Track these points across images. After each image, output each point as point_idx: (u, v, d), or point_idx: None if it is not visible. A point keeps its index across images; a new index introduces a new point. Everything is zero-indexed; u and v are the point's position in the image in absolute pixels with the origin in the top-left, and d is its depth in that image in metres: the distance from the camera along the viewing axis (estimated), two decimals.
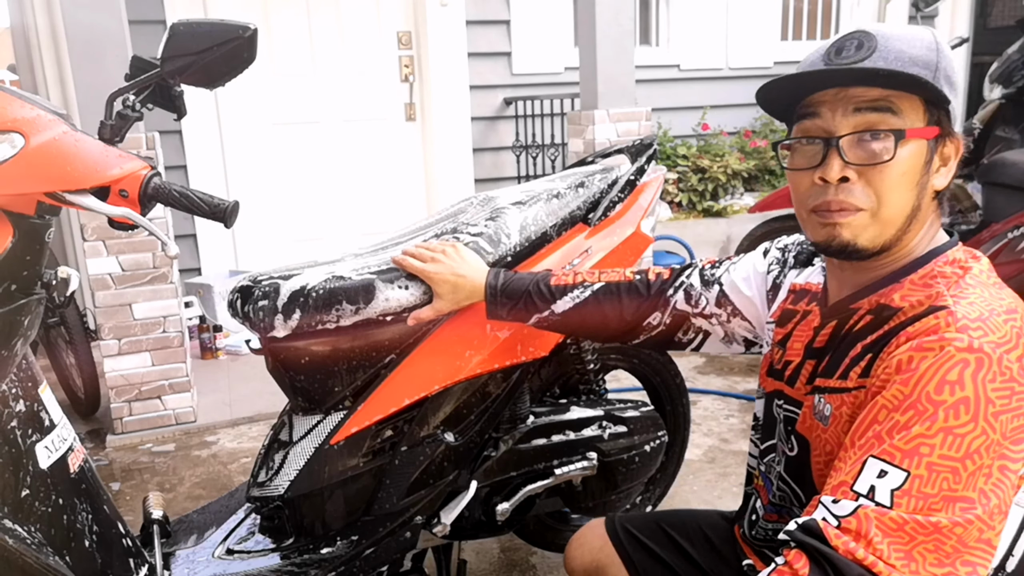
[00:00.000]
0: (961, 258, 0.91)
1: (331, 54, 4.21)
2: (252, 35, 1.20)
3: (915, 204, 0.89)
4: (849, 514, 0.78)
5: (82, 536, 1.24)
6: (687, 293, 1.28)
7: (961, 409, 0.76)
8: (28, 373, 1.19)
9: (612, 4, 3.24)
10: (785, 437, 1.06)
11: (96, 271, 2.66)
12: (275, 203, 4.23)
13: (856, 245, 0.89)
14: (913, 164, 0.87)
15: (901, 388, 0.80)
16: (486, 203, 1.61)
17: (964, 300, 0.83)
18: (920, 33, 0.89)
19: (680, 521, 1.27)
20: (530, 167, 4.57)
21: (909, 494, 0.76)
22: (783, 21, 5.45)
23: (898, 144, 0.86)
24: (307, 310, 1.35)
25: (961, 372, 0.77)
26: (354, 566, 1.44)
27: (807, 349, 1.02)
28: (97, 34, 2.50)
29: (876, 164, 0.86)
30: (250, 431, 2.89)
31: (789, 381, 1.05)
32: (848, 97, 0.87)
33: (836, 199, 0.88)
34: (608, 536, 1.27)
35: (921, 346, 0.80)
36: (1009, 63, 3.04)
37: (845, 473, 0.81)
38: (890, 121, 0.86)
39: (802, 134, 0.92)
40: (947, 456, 0.76)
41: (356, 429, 1.40)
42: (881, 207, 0.88)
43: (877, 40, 0.87)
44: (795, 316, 1.08)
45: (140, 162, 1.16)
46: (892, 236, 0.89)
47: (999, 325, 0.80)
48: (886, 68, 0.85)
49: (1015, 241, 2.43)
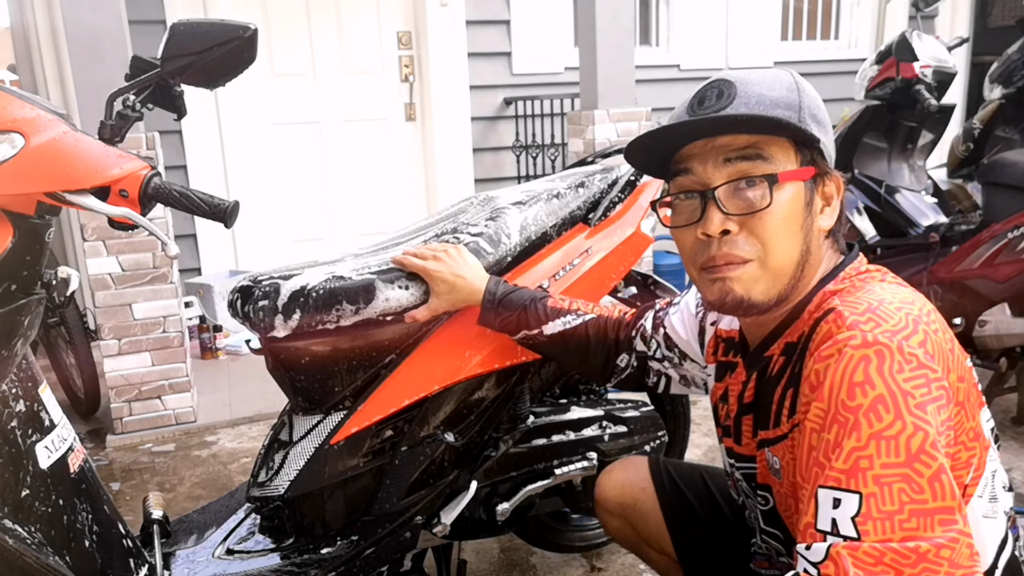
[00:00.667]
0: (852, 272, 0.88)
1: (331, 54, 4.21)
2: (252, 35, 1.20)
3: (803, 249, 0.86)
4: (823, 559, 0.72)
5: (82, 536, 1.24)
6: (642, 336, 1.27)
7: (880, 409, 0.71)
8: (28, 373, 1.19)
9: (612, 4, 3.24)
10: (751, 492, 1.04)
11: (96, 271, 2.66)
12: (275, 203, 4.23)
13: (751, 300, 0.86)
14: (793, 208, 0.85)
15: (819, 405, 0.76)
16: (486, 203, 1.61)
17: (850, 298, 0.81)
18: (779, 76, 0.88)
19: (721, 476, 1.25)
20: (530, 167, 4.57)
21: (870, 517, 0.70)
22: (783, 21, 5.45)
23: (773, 189, 0.83)
24: (307, 310, 1.35)
25: (865, 369, 0.73)
26: (354, 566, 1.44)
27: (739, 404, 1.01)
28: (97, 34, 2.50)
29: (755, 212, 0.84)
30: (250, 431, 2.89)
31: (736, 439, 1.03)
32: (717, 148, 0.85)
33: (721, 252, 0.85)
34: (651, 477, 1.25)
35: (821, 355, 0.77)
36: (1009, 63, 3.04)
37: (806, 514, 0.76)
38: (761, 167, 0.84)
39: (678, 190, 0.90)
40: (890, 464, 0.70)
41: (356, 429, 1.40)
42: (768, 256, 0.85)
43: (736, 87, 0.86)
44: (727, 369, 1.06)
45: (140, 162, 1.16)
46: (786, 285, 0.87)
47: (890, 313, 0.76)
48: (747, 113, 0.83)
49: (1015, 241, 2.43)
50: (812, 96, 0.88)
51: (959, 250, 2.64)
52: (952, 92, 3.30)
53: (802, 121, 0.84)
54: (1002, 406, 2.75)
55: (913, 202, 2.95)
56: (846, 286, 0.86)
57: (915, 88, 2.86)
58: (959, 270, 2.61)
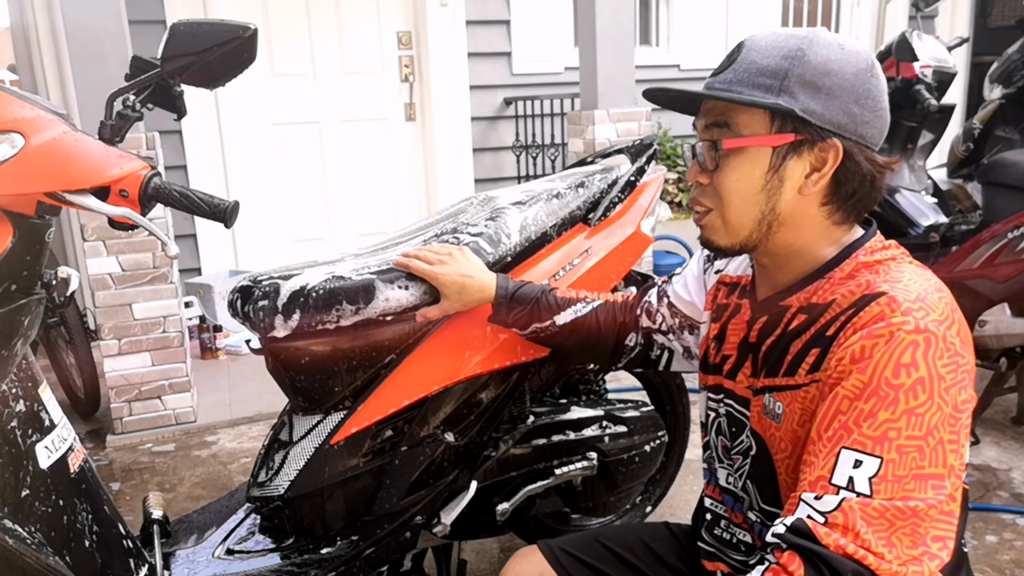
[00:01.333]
0: (877, 247, 0.95)
1: (331, 54, 4.21)
2: (252, 35, 1.20)
3: (764, 209, 0.94)
4: (834, 509, 0.81)
5: (82, 536, 1.24)
6: (647, 311, 1.32)
7: (919, 389, 0.80)
8: (28, 373, 1.19)
9: (612, 4, 3.24)
10: (729, 436, 1.07)
11: (96, 271, 2.66)
12: (275, 203, 4.23)
13: (713, 242, 0.99)
14: (748, 172, 0.93)
15: (859, 377, 0.83)
16: (486, 203, 1.61)
17: (899, 284, 0.86)
18: (785, 42, 0.92)
19: (619, 535, 1.24)
20: (530, 167, 4.57)
21: (885, 479, 0.80)
22: (783, 21, 5.46)
23: (720, 155, 0.94)
24: (307, 310, 1.35)
25: (913, 353, 0.81)
26: (354, 566, 1.44)
27: (742, 344, 1.04)
28: (97, 34, 2.50)
29: (710, 172, 0.96)
30: (250, 431, 2.89)
31: (729, 375, 1.07)
32: (705, 111, 0.97)
33: (693, 197, 1.00)
34: (547, 560, 1.20)
35: (871, 334, 0.83)
36: (1009, 63, 3.04)
37: (820, 468, 0.83)
38: (724, 134, 0.94)
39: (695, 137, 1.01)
40: (912, 436, 0.80)
41: (356, 429, 1.40)
42: (724, 209, 0.95)
43: (741, 52, 0.94)
44: (727, 309, 1.10)
45: (140, 162, 1.16)
46: (746, 238, 0.96)
47: (936, 303, 0.84)
48: (707, 94, 0.93)
49: (1015, 241, 2.43)
50: (814, 64, 0.90)
51: (959, 250, 2.63)
52: (952, 92, 3.30)
53: (782, 90, 0.89)
54: (1002, 406, 2.75)
55: (913, 202, 2.95)
56: (874, 264, 0.92)
57: (915, 88, 2.86)
58: (959, 270, 2.61)
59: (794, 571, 0.81)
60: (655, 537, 1.23)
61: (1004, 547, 2.01)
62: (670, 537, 1.23)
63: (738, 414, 1.05)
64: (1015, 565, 1.94)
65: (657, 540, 1.22)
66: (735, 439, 1.06)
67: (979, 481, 2.33)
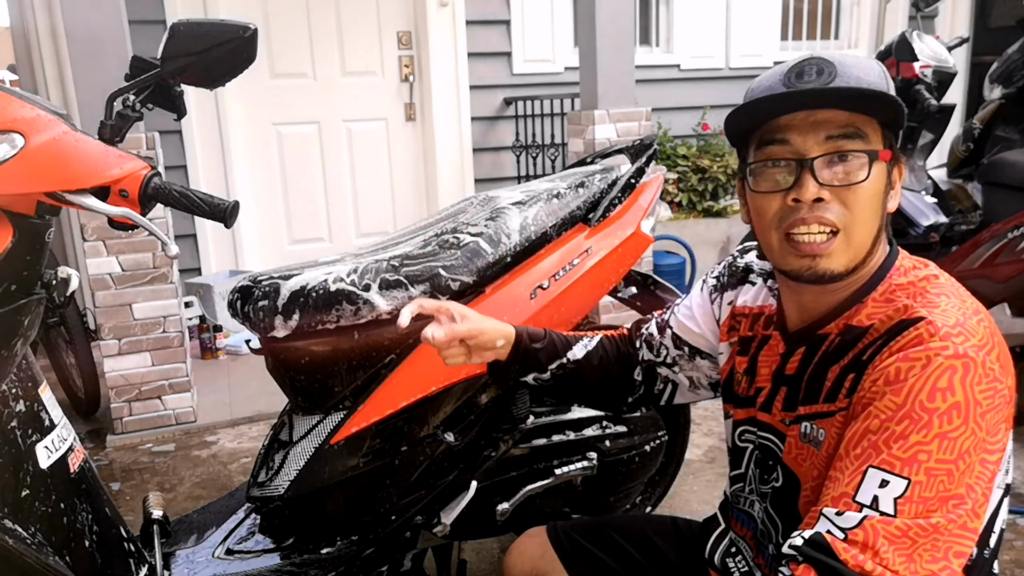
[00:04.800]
0: (909, 266, 0.93)
1: (331, 54, 4.21)
2: (252, 35, 1.20)
3: (880, 225, 0.92)
4: (855, 526, 0.80)
5: (82, 536, 1.24)
6: (648, 343, 1.26)
7: (954, 414, 0.79)
8: (28, 373, 1.19)
9: (612, 4, 3.24)
10: (764, 469, 1.05)
11: (96, 271, 2.66)
12: (275, 203, 4.23)
13: (830, 271, 0.90)
14: (879, 186, 0.90)
15: (893, 398, 0.82)
16: (486, 203, 1.61)
17: (937, 309, 0.85)
18: (871, 63, 0.92)
19: (623, 525, 1.25)
20: (530, 167, 4.57)
21: (911, 500, 0.79)
22: (783, 21, 5.45)
23: (872, 164, 0.88)
24: (307, 310, 1.35)
25: (951, 379, 0.80)
26: (354, 566, 1.44)
27: (776, 376, 1.02)
28: (97, 34, 2.50)
29: (852, 185, 0.88)
30: (250, 431, 2.89)
31: (764, 408, 1.04)
32: (818, 122, 0.88)
33: (812, 215, 0.89)
34: (550, 543, 1.23)
35: (908, 357, 0.82)
36: (1009, 63, 3.04)
37: (844, 484, 0.82)
38: (859, 144, 0.88)
39: (767, 158, 0.92)
40: (943, 460, 0.79)
41: (356, 429, 1.40)
42: (854, 226, 0.89)
43: (836, 67, 0.89)
44: (753, 341, 1.07)
45: (140, 162, 1.16)
46: (862, 259, 0.91)
47: (975, 328, 0.83)
48: (867, 88, 0.86)
49: (1015, 241, 2.43)
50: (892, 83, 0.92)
51: (959, 250, 2.64)
52: (952, 92, 3.30)
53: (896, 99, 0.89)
54: None
55: (913, 202, 2.95)
56: (909, 287, 0.91)
57: (915, 88, 2.86)
58: (959, 270, 2.61)
59: None
60: (658, 531, 1.23)
61: (1004, 547, 2.00)
62: (674, 533, 1.23)
63: (773, 446, 1.03)
64: (1015, 565, 1.93)
65: (660, 534, 1.23)
66: (769, 472, 1.04)
67: None
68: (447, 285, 1.42)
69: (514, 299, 1.49)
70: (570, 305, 1.57)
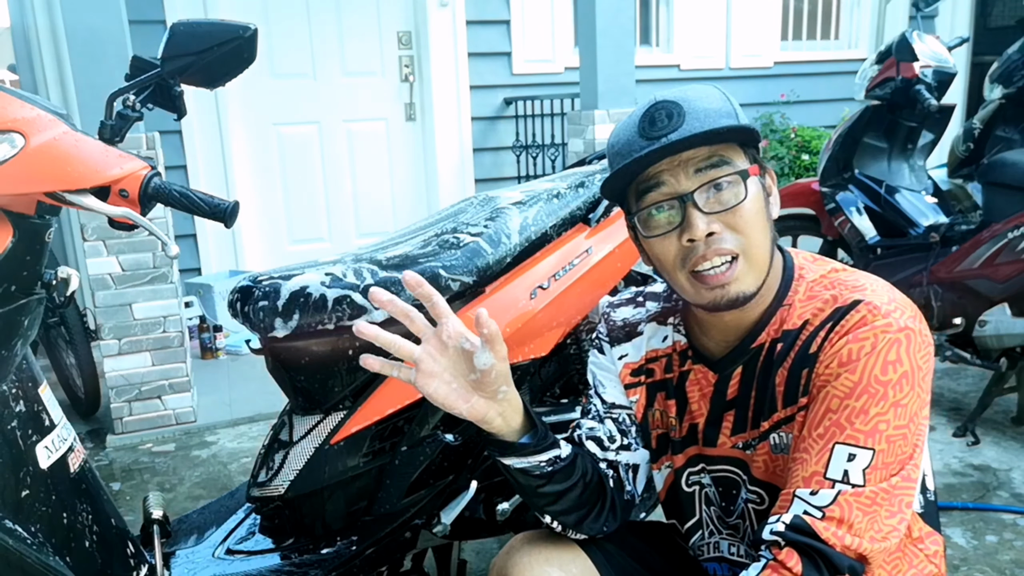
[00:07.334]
0: (808, 261, 1.00)
1: (331, 54, 4.21)
2: (252, 35, 1.20)
3: (772, 236, 0.96)
4: (831, 503, 0.85)
5: (82, 536, 1.24)
6: (596, 441, 1.12)
7: (903, 383, 0.87)
8: (28, 373, 1.19)
9: (612, 4, 3.24)
10: (727, 501, 1.03)
11: (96, 271, 2.66)
12: (275, 203, 4.23)
13: (741, 294, 0.92)
14: (759, 200, 0.93)
15: (850, 377, 0.88)
16: (486, 203, 1.61)
17: (867, 291, 0.92)
18: (708, 89, 0.95)
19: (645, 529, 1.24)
20: (530, 167, 4.57)
21: (876, 468, 0.86)
22: (783, 21, 5.45)
23: (747, 182, 0.91)
24: (307, 310, 1.35)
25: (898, 351, 0.87)
26: (354, 566, 1.44)
27: (715, 405, 1.01)
28: (97, 34, 2.50)
29: (735, 207, 0.90)
30: (250, 431, 2.89)
31: (707, 443, 1.03)
32: (684, 161, 0.91)
33: (710, 250, 0.90)
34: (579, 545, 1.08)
35: (858, 338, 0.88)
36: (1009, 63, 3.03)
37: (814, 464, 0.87)
38: (727, 170, 0.91)
39: (650, 204, 0.93)
40: (899, 426, 0.86)
41: (356, 429, 1.40)
42: (750, 247, 0.91)
43: (682, 105, 0.91)
44: (672, 382, 1.06)
45: (140, 162, 1.16)
46: (767, 273, 0.94)
47: (904, 301, 0.91)
48: (715, 128, 0.89)
49: (1015, 241, 2.43)
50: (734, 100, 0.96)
51: (959, 250, 2.63)
52: (952, 92, 3.30)
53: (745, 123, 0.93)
54: (1002, 406, 2.75)
55: (913, 202, 2.95)
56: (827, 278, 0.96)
57: (915, 88, 2.86)
58: (959, 270, 2.61)
59: (792, 567, 0.83)
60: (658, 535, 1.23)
61: (1004, 547, 2.01)
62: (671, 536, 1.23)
63: (732, 475, 1.02)
64: (1015, 565, 1.93)
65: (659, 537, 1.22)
66: (732, 501, 1.03)
67: (979, 481, 2.33)
68: (447, 285, 1.42)
69: (514, 299, 1.49)
70: (570, 305, 1.57)
